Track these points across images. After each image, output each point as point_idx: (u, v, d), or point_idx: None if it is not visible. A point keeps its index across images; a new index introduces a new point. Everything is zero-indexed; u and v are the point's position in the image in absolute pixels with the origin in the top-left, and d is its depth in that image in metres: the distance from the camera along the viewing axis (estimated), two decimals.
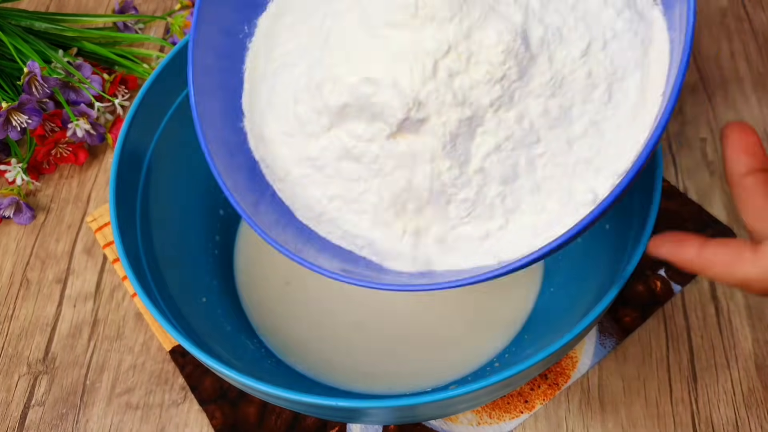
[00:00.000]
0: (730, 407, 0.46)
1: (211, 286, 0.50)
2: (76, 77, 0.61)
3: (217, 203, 0.54)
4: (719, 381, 0.47)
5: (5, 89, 0.60)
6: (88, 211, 0.58)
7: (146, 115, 0.46)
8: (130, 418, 0.48)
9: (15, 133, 0.57)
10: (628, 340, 0.49)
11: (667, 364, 0.48)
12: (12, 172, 0.58)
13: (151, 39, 0.67)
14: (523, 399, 0.46)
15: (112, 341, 0.51)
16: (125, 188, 0.44)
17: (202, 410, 0.47)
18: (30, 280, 0.55)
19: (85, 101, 0.61)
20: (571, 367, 0.47)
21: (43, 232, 0.58)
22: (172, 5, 0.73)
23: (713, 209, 0.54)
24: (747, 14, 0.66)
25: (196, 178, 0.52)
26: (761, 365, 0.47)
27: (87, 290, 0.54)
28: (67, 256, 0.56)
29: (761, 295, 0.31)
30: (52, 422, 0.48)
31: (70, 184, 0.60)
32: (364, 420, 0.43)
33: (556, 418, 0.46)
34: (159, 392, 0.49)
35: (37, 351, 0.51)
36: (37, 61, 0.57)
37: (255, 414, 0.47)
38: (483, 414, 0.46)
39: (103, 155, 0.62)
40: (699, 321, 0.49)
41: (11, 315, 0.53)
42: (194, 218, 0.51)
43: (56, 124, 0.60)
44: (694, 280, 0.51)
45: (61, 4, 0.75)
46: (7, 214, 0.57)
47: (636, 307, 0.50)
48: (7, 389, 0.49)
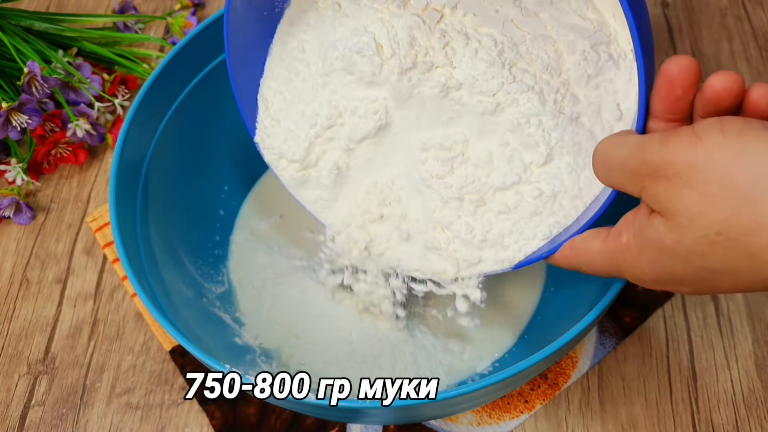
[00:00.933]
0: (730, 407, 0.46)
1: (211, 287, 0.50)
2: (76, 77, 0.61)
3: (217, 203, 0.54)
4: (719, 381, 0.47)
5: (5, 89, 0.60)
6: (88, 211, 0.58)
7: (146, 115, 0.46)
8: (130, 418, 0.48)
9: (15, 133, 0.57)
10: (628, 340, 0.49)
11: (667, 364, 0.48)
12: (12, 172, 0.58)
13: (151, 39, 0.67)
14: (523, 399, 0.46)
15: (112, 341, 0.51)
16: (125, 188, 0.44)
17: (202, 410, 0.47)
18: (30, 280, 0.55)
19: (85, 101, 0.61)
20: (571, 367, 0.47)
21: (43, 232, 0.58)
22: (172, 5, 0.73)
23: None
24: (747, 14, 0.66)
25: (196, 177, 0.52)
26: (761, 365, 0.47)
27: (87, 290, 0.54)
28: (67, 256, 0.56)
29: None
30: (52, 422, 0.48)
31: (70, 184, 0.60)
32: (364, 420, 0.43)
33: (556, 418, 0.46)
34: (159, 392, 0.49)
35: (37, 351, 0.51)
36: (37, 61, 0.57)
37: (255, 414, 0.47)
38: (483, 414, 0.46)
39: (103, 155, 0.62)
40: (699, 321, 0.49)
41: (11, 315, 0.53)
42: (194, 218, 0.51)
43: (56, 124, 0.60)
44: None
45: (61, 4, 0.75)
46: (7, 214, 0.57)
47: (636, 307, 0.50)
48: (7, 389, 0.49)
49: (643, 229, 0.29)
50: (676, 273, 0.29)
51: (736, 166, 0.25)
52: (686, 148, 0.27)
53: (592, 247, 0.33)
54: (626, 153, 0.29)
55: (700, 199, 0.26)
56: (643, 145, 0.28)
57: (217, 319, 0.47)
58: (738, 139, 0.26)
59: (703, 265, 0.27)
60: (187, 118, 0.50)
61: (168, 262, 0.46)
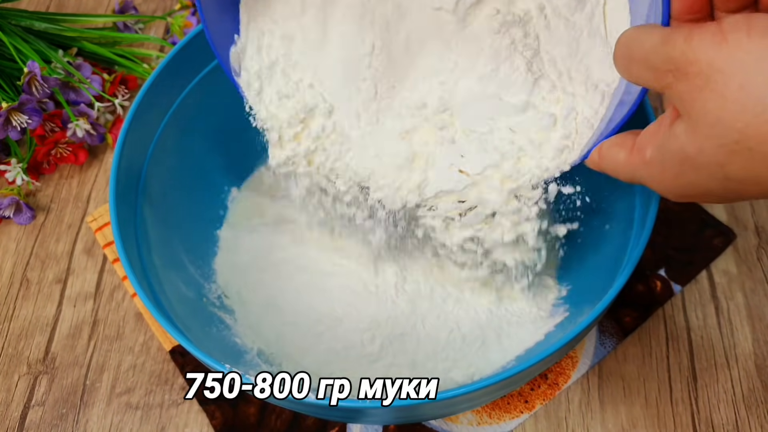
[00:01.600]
0: (730, 407, 0.46)
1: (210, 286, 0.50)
2: (76, 77, 0.61)
3: (217, 203, 0.54)
4: (719, 381, 0.47)
5: (5, 89, 0.60)
6: (88, 211, 0.58)
7: (146, 115, 0.46)
8: (130, 418, 0.48)
9: (15, 133, 0.57)
10: (628, 340, 0.49)
11: (667, 364, 0.48)
12: (12, 172, 0.58)
13: (151, 39, 0.67)
14: (523, 399, 0.46)
15: (112, 341, 0.51)
16: (125, 188, 0.44)
17: (202, 410, 0.47)
18: (30, 280, 0.55)
19: (85, 101, 0.61)
20: (571, 367, 0.47)
21: (43, 232, 0.58)
22: (172, 5, 0.73)
23: (713, 209, 0.54)
24: None
25: (197, 178, 0.52)
26: (761, 365, 0.47)
27: (87, 290, 0.54)
28: (67, 256, 0.56)
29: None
30: (52, 422, 0.48)
31: (70, 184, 0.60)
32: (364, 420, 0.43)
33: (556, 418, 0.46)
34: (159, 392, 0.49)
35: (37, 351, 0.51)
36: (37, 61, 0.57)
37: (255, 414, 0.47)
38: (483, 414, 0.46)
39: (103, 155, 0.62)
40: (699, 321, 0.49)
41: (11, 315, 0.53)
42: (194, 218, 0.51)
43: (56, 124, 0.60)
44: (694, 280, 0.51)
45: (61, 4, 0.75)
46: (7, 214, 0.57)
47: (636, 307, 0.50)
48: (7, 389, 0.49)
49: (666, 143, 0.28)
50: (700, 185, 0.28)
51: (758, 70, 0.24)
52: (710, 47, 0.25)
53: (618, 158, 0.32)
54: (650, 45, 0.27)
55: (719, 103, 0.25)
56: (668, 39, 0.27)
57: (217, 319, 0.47)
58: (762, 41, 0.24)
59: (726, 175, 0.26)
60: (187, 117, 0.50)
61: (168, 262, 0.46)
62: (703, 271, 0.51)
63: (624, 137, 0.33)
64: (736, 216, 0.54)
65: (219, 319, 0.47)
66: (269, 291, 0.50)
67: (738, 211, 0.54)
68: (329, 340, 0.47)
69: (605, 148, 0.33)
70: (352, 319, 0.48)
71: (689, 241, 0.52)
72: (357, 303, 0.49)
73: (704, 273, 0.51)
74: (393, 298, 0.48)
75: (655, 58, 0.27)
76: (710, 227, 0.53)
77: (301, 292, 0.50)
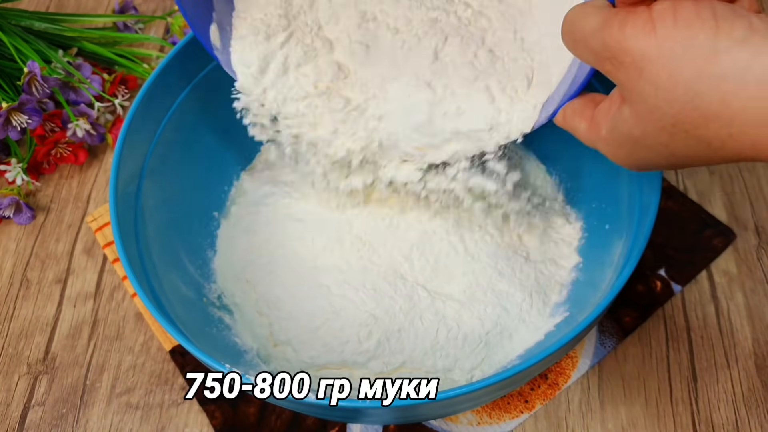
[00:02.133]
0: (730, 407, 0.46)
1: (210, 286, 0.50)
2: (76, 77, 0.61)
3: (217, 203, 0.54)
4: (719, 381, 0.47)
5: (5, 89, 0.60)
6: (88, 211, 0.58)
7: (146, 115, 0.46)
8: (130, 418, 0.48)
9: (15, 133, 0.57)
10: (628, 340, 0.49)
11: (667, 364, 0.48)
12: (12, 172, 0.58)
13: (151, 39, 0.67)
14: (523, 399, 0.46)
15: (112, 341, 0.51)
16: (125, 188, 0.44)
17: (202, 410, 0.47)
18: (30, 280, 0.55)
19: (85, 101, 0.61)
20: (571, 367, 0.47)
21: (43, 232, 0.58)
22: (172, 5, 0.73)
23: (713, 209, 0.54)
24: None
25: (196, 178, 0.52)
26: (761, 365, 0.47)
27: (87, 290, 0.54)
28: (67, 256, 0.56)
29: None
30: (52, 422, 0.48)
31: (70, 184, 0.60)
32: (364, 420, 0.43)
33: (556, 418, 0.46)
34: (159, 392, 0.49)
35: (37, 351, 0.51)
36: (37, 61, 0.57)
37: (255, 414, 0.47)
38: (483, 414, 0.46)
39: (103, 155, 0.62)
40: (699, 321, 0.49)
41: (11, 315, 0.53)
42: (194, 218, 0.51)
43: (56, 124, 0.60)
44: (694, 280, 0.51)
45: (61, 4, 0.75)
46: (7, 214, 0.57)
47: (636, 307, 0.50)
48: (7, 389, 0.49)
49: (616, 125, 0.30)
50: (650, 159, 0.30)
51: (683, 59, 0.25)
52: (641, 37, 0.26)
53: (579, 128, 0.34)
54: (590, 28, 0.29)
55: (653, 92, 0.27)
56: (606, 24, 0.28)
57: (216, 319, 0.47)
58: (687, 30, 0.26)
59: (671, 153, 0.28)
60: (187, 117, 0.50)
61: (168, 262, 0.46)
62: (703, 271, 0.51)
63: (584, 105, 0.34)
64: (736, 216, 0.54)
65: (219, 319, 0.47)
66: (267, 288, 0.50)
67: (738, 211, 0.54)
68: (325, 335, 0.47)
69: (569, 115, 0.35)
70: (349, 314, 0.48)
71: (689, 241, 0.52)
72: (355, 298, 0.48)
73: (704, 273, 0.51)
74: (391, 294, 0.48)
75: (594, 43, 0.29)
76: (710, 227, 0.53)
77: (299, 286, 0.50)
